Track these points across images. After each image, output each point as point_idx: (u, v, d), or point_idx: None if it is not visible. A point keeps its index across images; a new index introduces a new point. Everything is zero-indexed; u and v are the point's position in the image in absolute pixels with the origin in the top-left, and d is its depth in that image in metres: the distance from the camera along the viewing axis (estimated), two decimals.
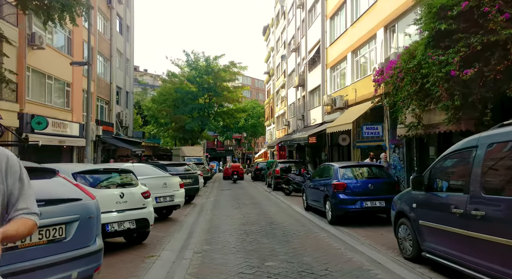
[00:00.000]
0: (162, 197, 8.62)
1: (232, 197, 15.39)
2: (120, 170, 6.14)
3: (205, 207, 11.93)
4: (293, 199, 14.30)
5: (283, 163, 19.03)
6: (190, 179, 12.80)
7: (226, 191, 18.78)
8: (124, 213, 5.58)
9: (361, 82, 16.57)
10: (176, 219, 9.33)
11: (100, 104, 25.43)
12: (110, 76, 27.08)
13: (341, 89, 19.22)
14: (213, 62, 32.11)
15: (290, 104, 33.73)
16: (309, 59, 25.85)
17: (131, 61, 33.51)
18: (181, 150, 28.27)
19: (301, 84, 27.84)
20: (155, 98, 34.21)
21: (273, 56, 44.13)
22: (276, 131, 42.99)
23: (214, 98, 32.85)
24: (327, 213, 8.65)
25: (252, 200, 14.28)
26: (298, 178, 15.44)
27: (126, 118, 30.30)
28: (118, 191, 5.62)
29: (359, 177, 8.60)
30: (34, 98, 15.91)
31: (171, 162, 12.87)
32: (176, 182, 9.23)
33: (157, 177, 8.83)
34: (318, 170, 10.46)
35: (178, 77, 33.08)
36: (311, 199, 10.21)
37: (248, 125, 59.58)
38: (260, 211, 10.70)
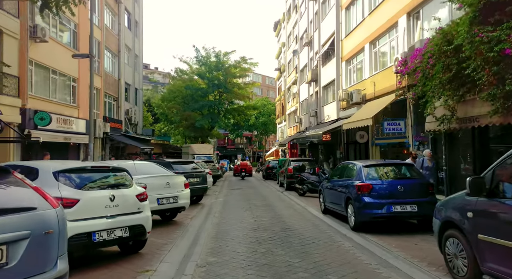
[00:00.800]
0: (165, 198, 7.78)
1: (242, 198, 14.51)
2: (112, 168, 5.28)
3: (213, 209, 11.07)
4: (307, 200, 13.34)
5: (296, 162, 18.06)
6: (198, 178, 11.96)
7: (237, 191, 17.91)
8: (114, 219, 4.74)
9: (381, 74, 15.46)
10: (181, 223, 8.48)
11: (108, 101, 24.85)
12: (119, 72, 26.49)
13: (358, 83, 18.11)
14: (224, 58, 31.26)
15: (302, 101, 32.66)
16: (323, 52, 24.76)
17: (140, 57, 32.93)
18: (191, 148, 27.54)
19: (314, 79, 26.77)
20: (165, 95, 33.57)
21: (284, 52, 43.05)
22: (287, 129, 41.96)
23: (224, 94, 32.02)
24: (349, 218, 7.68)
25: (263, 201, 13.37)
26: (313, 177, 14.46)
27: (135, 115, 29.70)
28: (107, 193, 4.77)
29: (386, 177, 7.59)
30: (38, 93, 15.30)
31: (177, 160, 12.07)
32: (181, 181, 8.38)
33: (159, 176, 7.99)
34: (337, 170, 9.47)
35: (187, 74, 32.34)
36: (330, 202, 9.24)
37: (259, 123, 58.67)
38: (273, 214, 9.78)
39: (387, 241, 6.38)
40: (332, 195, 9.03)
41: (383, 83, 14.97)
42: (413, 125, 13.00)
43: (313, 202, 12.49)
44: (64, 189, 4.38)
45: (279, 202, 12.93)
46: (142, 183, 7.46)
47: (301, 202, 12.67)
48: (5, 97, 12.70)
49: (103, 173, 5.06)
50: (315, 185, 14.06)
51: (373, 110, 14.11)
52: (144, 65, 71.32)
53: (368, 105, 16.10)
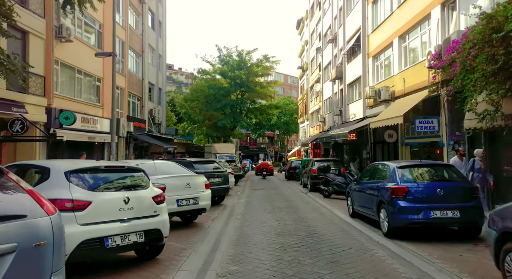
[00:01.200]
0: (185, 199, 7.45)
1: (265, 198, 14.07)
2: (127, 168, 4.95)
3: (236, 210, 10.68)
4: (333, 202, 12.73)
5: (320, 162, 17.43)
6: (219, 178, 11.62)
7: (259, 191, 17.49)
8: (129, 223, 4.40)
9: (411, 70, 14.60)
10: (202, 225, 8.14)
11: (132, 100, 25.07)
12: (142, 72, 26.70)
13: (386, 80, 17.26)
14: (246, 57, 30.94)
15: (326, 99, 31.85)
16: (348, 49, 23.93)
17: (163, 57, 33.15)
18: (213, 147, 27.39)
19: (339, 77, 25.95)
20: (187, 96, 33.65)
21: (307, 50, 42.26)
22: (310, 128, 41.17)
23: (246, 93, 31.69)
24: (381, 223, 7.07)
25: (287, 202, 12.88)
26: (338, 178, 13.82)
27: (159, 115, 29.89)
28: (122, 195, 4.43)
29: (423, 179, 6.93)
30: (63, 92, 15.48)
31: (199, 159, 11.79)
32: (201, 182, 8.04)
33: (179, 176, 7.67)
34: (367, 171, 8.85)
35: (210, 74, 32.24)
36: (359, 205, 8.64)
37: (281, 122, 58.08)
38: (298, 217, 9.28)
39: (426, 250, 5.76)
40: (361, 198, 8.43)
41: (414, 79, 14.13)
42: (447, 123, 12.14)
43: (339, 205, 11.89)
44: (76, 190, 4.09)
45: (303, 204, 12.39)
46: (161, 183, 7.17)
47: (327, 205, 12.09)
48: (31, 96, 12.85)
49: (118, 174, 4.74)
50: (341, 187, 13.43)
51: (403, 108, 13.30)
52: (167, 66, 72.29)
53: (397, 103, 15.27)
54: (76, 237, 3.83)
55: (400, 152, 16.00)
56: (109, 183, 4.51)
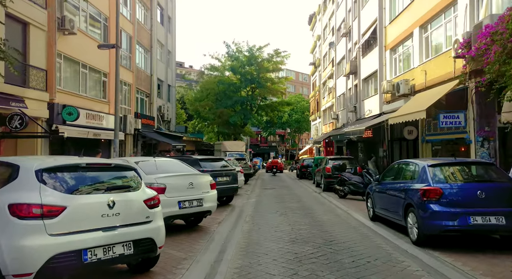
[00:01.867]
0: (188, 201, 6.71)
1: (276, 199, 13.28)
2: (115, 166, 4.19)
3: (245, 212, 9.92)
4: (350, 203, 11.85)
5: (335, 160, 16.52)
6: (228, 177, 10.87)
7: (270, 191, 16.70)
8: (114, 231, 3.67)
9: (433, 62, 13.57)
10: (207, 229, 7.40)
11: (140, 97, 24.55)
12: (151, 68, 26.16)
13: (405, 73, 16.23)
14: (257, 53, 30.11)
15: (339, 95, 30.82)
16: (363, 42, 22.88)
17: (173, 53, 32.61)
18: (223, 145, 26.71)
19: (353, 72, 24.92)
20: (197, 95, 32.99)
21: (320, 45, 41.18)
22: (322, 126, 40.14)
23: (257, 90, 30.87)
24: (409, 229, 6.20)
25: (299, 203, 12.06)
26: (355, 178, 12.92)
27: (168, 112, 29.38)
28: (105, 198, 3.70)
29: (460, 179, 6.02)
30: (67, 87, 14.95)
31: (206, 157, 11.08)
32: (206, 181, 7.29)
33: (181, 175, 6.93)
34: (391, 170, 7.96)
35: (219, 70, 31.51)
36: (381, 208, 7.77)
37: (292, 120, 57.11)
38: (312, 220, 8.45)
39: (467, 263, 4.88)
40: (384, 200, 7.56)
41: (437, 71, 13.11)
42: (475, 118, 11.12)
43: (356, 206, 11.01)
44: (48, 193, 3.37)
45: (318, 205, 11.55)
46: (161, 183, 6.46)
47: (343, 206, 11.22)
48: (31, 90, 12.32)
49: (102, 173, 3.99)
50: (358, 187, 12.55)
51: (425, 102, 12.30)
52: (178, 64, 71.98)
53: (417, 97, 14.25)
54: (45, 250, 3.13)
55: (420, 150, 14.98)
56: (91, 184, 3.77)
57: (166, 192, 6.46)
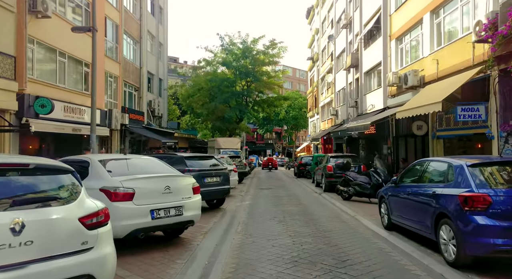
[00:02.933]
0: (163, 209, 5.36)
1: (273, 201, 11.95)
2: (35, 167, 2.82)
3: (237, 218, 8.58)
4: (356, 206, 10.55)
5: (337, 158, 15.22)
6: (218, 177, 9.53)
7: (266, 191, 15.37)
8: (22, 270, 2.33)
9: (447, 49, 12.28)
10: (189, 242, 6.05)
11: (128, 90, 23.09)
12: (140, 60, 24.69)
13: (413, 63, 14.94)
14: (251, 45, 28.63)
15: (339, 90, 29.54)
16: (365, 33, 21.58)
17: (164, 45, 31.10)
18: (216, 142, 25.33)
19: (354, 65, 23.62)
20: (189, 89, 31.46)
21: (318, 39, 39.84)
22: (320, 123, 38.89)
23: (253, 84, 29.43)
24: (443, 246, 4.90)
25: (300, 206, 10.74)
26: (361, 178, 11.63)
27: (159, 107, 27.95)
28: (8, 219, 2.36)
29: None
30: (41, 77, 13.50)
31: (193, 155, 9.72)
32: (187, 184, 5.93)
33: (155, 177, 5.57)
34: (412, 170, 6.65)
35: (212, 64, 30.00)
36: (399, 215, 6.47)
37: (289, 117, 55.80)
38: (316, 230, 7.14)
39: None
40: (404, 206, 6.25)
41: (451, 60, 11.83)
42: (498, 110, 9.85)
43: (364, 210, 9.72)
44: None
45: (320, 209, 10.24)
46: (129, 187, 5.11)
47: (348, 209, 9.92)
48: None
49: (12, 178, 2.64)
50: (364, 188, 11.26)
51: (438, 94, 11.00)
52: (172, 59, 70.21)
53: (428, 89, 12.96)
54: None
55: (430, 147, 13.72)
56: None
57: (135, 198, 5.12)
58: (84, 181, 5.43)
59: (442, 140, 13.23)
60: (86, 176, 5.49)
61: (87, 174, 5.51)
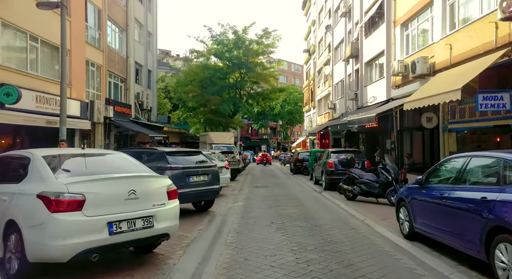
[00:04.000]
0: (126, 221, 4.02)
1: (269, 201, 10.68)
2: None
3: (227, 224, 7.29)
4: (363, 208, 9.32)
5: (338, 153, 13.99)
6: (206, 176, 8.21)
7: (261, 190, 14.09)
8: None
9: (463, 32, 11.03)
10: (161, 261, 4.74)
11: (114, 81, 21.58)
12: (127, 50, 23.14)
13: (421, 50, 13.68)
14: (243, 35, 27.11)
15: (337, 83, 28.28)
16: (366, 21, 20.29)
17: (154, 35, 29.52)
18: (208, 137, 23.93)
19: (354, 55, 22.34)
20: (180, 79, 29.89)
21: (314, 30, 38.47)
22: (317, 117, 37.66)
23: (246, 75, 27.98)
24: (500, 271, 3.65)
25: (300, 207, 9.48)
26: (367, 176, 10.40)
27: (148, 100, 26.43)
28: None
29: None
30: (9, 63, 12.01)
31: (177, 150, 8.37)
32: (160, 187, 4.55)
33: (115, 178, 4.21)
34: (442, 168, 5.39)
35: (204, 55, 28.46)
36: (426, 223, 5.22)
37: (284, 112, 54.55)
38: (324, 241, 5.87)
39: None
40: (434, 213, 5.00)
41: (468, 43, 10.59)
42: None
43: (373, 212, 8.49)
44: None
45: (323, 211, 8.99)
46: (77, 192, 3.79)
47: (355, 212, 8.68)
48: None
49: None
50: (371, 187, 10.03)
51: (455, 81, 9.75)
52: (164, 52, 68.26)
53: (440, 77, 11.71)
54: None
55: (441, 140, 12.51)
56: None
57: (86, 207, 3.79)
58: (20, 184, 4.09)
59: (455, 133, 12.03)
60: (24, 177, 4.15)
61: (25, 174, 4.17)
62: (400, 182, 10.25)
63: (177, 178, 7.55)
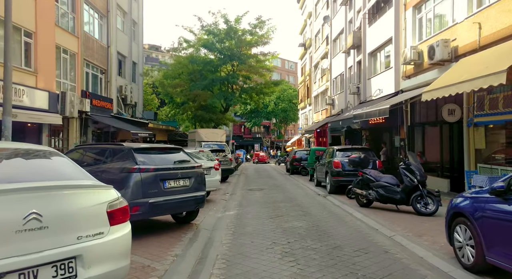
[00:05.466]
0: (19, 273, 2.13)
1: (268, 210, 8.83)
2: None
3: (214, 245, 5.42)
4: (382, 216, 7.53)
5: (345, 151, 12.21)
6: (187, 179, 6.32)
7: (257, 193, 12.24)
8: None
9: (496, 7, 9.31)
10: None
11: (92, 72, 19.51)
12: (108, 38, 21.05)
13: (440, 33, 11.95)
14: (235, 25, 25.11)
15: (336, 77, 26.54)
16: (370, 7, 18.59)
17: (139, 25, 27.41)
18: (197, 134, 21.97)
19: (356, 45, 20.61)
20: (167, 72, 27.75)
21: (311, 23, 36.71)
22: (313, 114, 35.94)
23: (238, 68, 25.98)
24: None
25: (306, 218, 7.65)
26: (386, 178, 8.62)
27: (132, 94, 24.35)
28: None
29: None
30: None
31: (148, 146, 6.42)
32: (92, 206, 2.63)
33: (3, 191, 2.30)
34: None
35: (193, 45, 26.41)
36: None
37: (278, 109, 52.69)
38: (352, 275, 4.02)
39: None
40: None
41: (504, 20, 8.88)
42: None
43: (398, 224, 6.71)
44: None
45: (336, 223, 7.18)
46: None
47: (376, 224, 6.89)
48: None
49: None
50: (391, 191, 8.25)
51: (493, 63, 8.00)
52: (154, 47, 65.76)
53: (466, 62, 9.96)
54: None
55: (466, 136, 10.79)
56: None
57: None
58: None
59: (483, 128, 10.31)
60: None
61: None
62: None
63: (148, 184, 5.69)
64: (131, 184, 5.61)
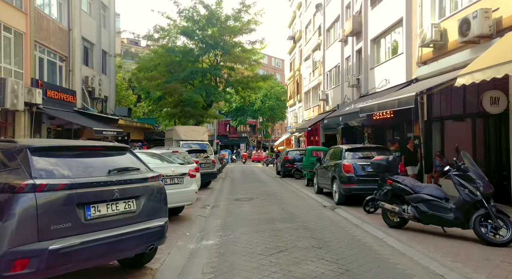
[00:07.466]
0: None
1: (264, 235, 6.21)
2: None
3: None
4: (427, 244, 5.05)
5: (356, 152, 9.74)
6: (130, 201, 3.66)
7: (245, 206, 9.60)
8: None
9: None
10: None
11: (49, 58, 16.49)
12: (69, 20, 18.02)
13: (476, 2, 9.57)
14: (217, 9, 22.35)
15: (330, 69, 24.20)
16: None
17: (111, 10, 24.33)
18: (175, 132, 19.14)
19: (356, 32, 18.27)
20: (143, 64, 24.59)
21: (300, 14, 34.33)
22: (304, 111, 33.58)
23: (222, 58, 23.20)
24: None
25: (323, 251, 5.11)
26: (429, 189, 6.17)
27: (101, 87, 21.30)
28: None
29: None
30: None
31: (62, 144, 3.71)
32: None
33: None
34: None
35: (169, 33, 23.46)
36: None
37: (265, 107, 50.09)
38: None
39: None
40: None
41: None
42: None
43: (460, 260, 4.19)
44: None
45: (370, 263, 4.65)
46: None
47: (431, 261, 4.40)
48: None
49: None
50: (439, 208, 5.80)
51: None
52: (133, 42, 62.11)
53: None
54: None
55: (511, 132, 8.46)
56: None
57: None
58: None
59: None
60: None
61: None
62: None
63: (53, 213, 3.10)
64: (15, 216, 2.93)
